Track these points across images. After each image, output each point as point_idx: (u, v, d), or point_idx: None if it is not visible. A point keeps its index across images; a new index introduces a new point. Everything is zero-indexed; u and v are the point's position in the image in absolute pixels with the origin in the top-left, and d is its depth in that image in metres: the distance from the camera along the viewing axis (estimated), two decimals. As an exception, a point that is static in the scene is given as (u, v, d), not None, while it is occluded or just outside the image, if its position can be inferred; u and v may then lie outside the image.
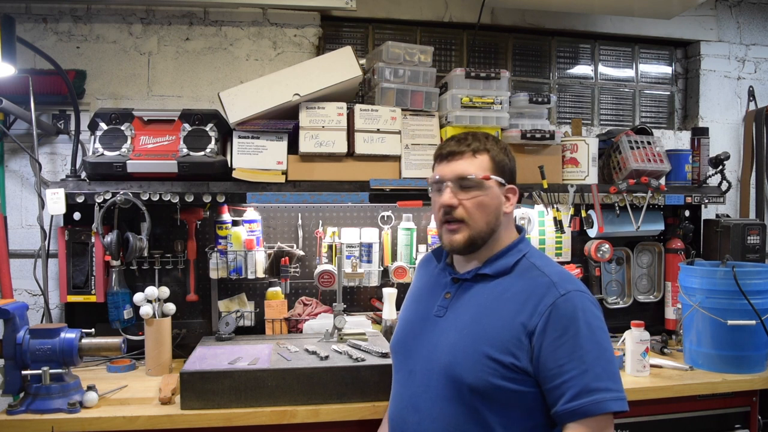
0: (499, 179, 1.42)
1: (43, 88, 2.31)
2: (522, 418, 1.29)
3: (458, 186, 1.40)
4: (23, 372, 1.70)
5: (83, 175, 2.22)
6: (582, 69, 3.07)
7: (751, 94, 3.06)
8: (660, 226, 2.60)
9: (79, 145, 2.33)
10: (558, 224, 2.38)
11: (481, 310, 1.37)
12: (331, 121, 2.20)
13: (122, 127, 2.14)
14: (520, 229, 1.51)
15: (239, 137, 2.17)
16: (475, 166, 1.40)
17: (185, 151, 2.12)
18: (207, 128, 2.15)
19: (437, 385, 1.35)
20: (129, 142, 2.13)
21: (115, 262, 2.15)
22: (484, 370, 1.29)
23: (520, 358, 1.28)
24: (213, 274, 2.31)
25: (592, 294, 2.58)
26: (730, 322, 2.05)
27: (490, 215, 1.40)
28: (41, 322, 2.35)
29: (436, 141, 2.33)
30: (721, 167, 2.58)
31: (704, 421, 2.05)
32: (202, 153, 2.13)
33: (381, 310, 2.34)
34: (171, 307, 2.14)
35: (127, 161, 2.08)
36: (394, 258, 2.48)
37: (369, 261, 2.42)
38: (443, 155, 1.44)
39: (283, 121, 2.18)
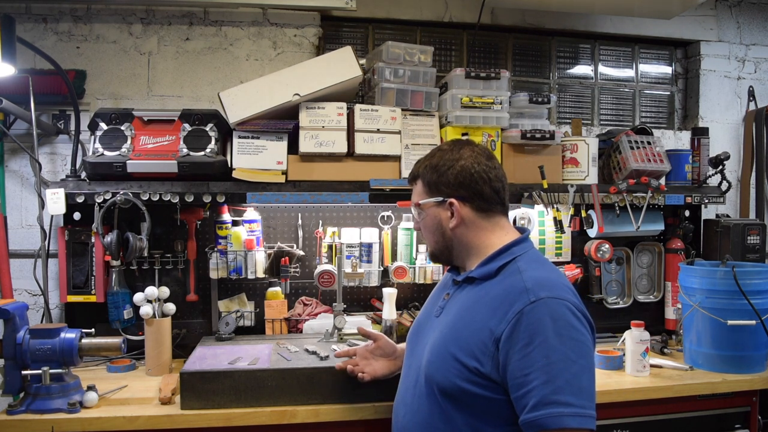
0: (432, 200, 1.44)
1: (43, 88, 2.31)
2: (492, 425, 1.28)
3: (414, 212, 1.52)
4: (23, 372, 1.70)
5: (83, 175, 2.22)
6: (582, 69, 3.07)
7: (751, 94, 3.06)
8: (660, 226, 2.60)
9: (79, 145, 2.33)
10: (558, 224, 2.38)
11: (461, 312, 1.38)
12: (331, 121, 2.20)
13: (122, 127, 2.14)
14: (523, 231, 1.47)
15: (239, 137, 2.17)
16: (415, 194, 1.51)
17: (185, 151, 2.12)
18: (207, 128, 2.15)
19: (420, 382, 1.39)
20: (129, 142, 2.13)
21: (115, 262, 2.15)
22: (451, 371, 1.29)
23: (484, 363, 1.26)
24: (213, 274, 2.31)
25: (592, 294, 2.61)
26: (730, 322, 2.05)
27: (433, 235, 1.48)
28: (41, 322, 2.35)
29: (436, 141, 2.34)
30: (721, 167, 2.58)
31: (704, 421, 2.05)
32: (202, 153, 2.13)
33: (381, 310, 2.34)
34: (171, 307, 2.14)
35: (127, 161, 2.08)
36: (394, 258, 2.48)
37: (369, 261, 2.42)
38: None
39: (283, 121, 2.18)
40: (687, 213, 2.73)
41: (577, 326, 1.23)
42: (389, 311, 2.27)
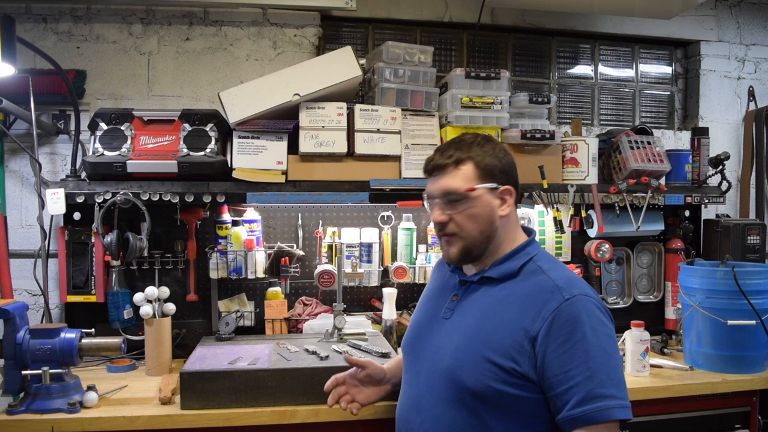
0: (488, 185, 1.39)
1: (43, 88, 2.31)
2: (526, 425, 1.28)
3: (446, 201, 1.40)
4: (23, 372, 1.70)
5: (83, 175, 2.22)
6: (582, 69, 3.07)
7: (751, 94, 3.06)
8: (660, 226, 2.60)
9: (79, 145, 2.33)
10: (558, 224, 2.38)
11: (485, 313, 1.36)
12: (331, 121, 2.20)
13: (122, 127, 2.14)
14: (529, 231, 1.49)
15: (239, 137, 2.17)
16: (459, 178, 1.38)
17: (185, 151, 2.12)
18: (207, 128, 2.15)
19: (440, 387, 1.35)
20: (129, 142, 2.13)
21: (115, 262, 2.15)
22: (485, 374, 1.28)
23: (521, 363, 1.26)
24: (213, 274, 2.31)
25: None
26: (730, 322, 2.05)
27: (482, 224, 1.39)
28: (41, 322, 2.35)
29: (436, 141, 2.34)
30: (721, 167, 2.58)
31: (704, 421, 2.05)
32: (202, 153, 2.13)
33: (381, 310, 2.34)
34: (171, 307, 2.14)
35: (127, 161, 2.08)
36: (394, 258, 2.48)
37: (369, 261, 2.42)
38: (428, 170, 1.45)
39: (283, 121, 2.18)
40: (687, 213, 2.73)
41: (606, 322, 1.28)
42: (389, 311, 2.27)
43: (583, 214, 2.47)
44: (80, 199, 2.10)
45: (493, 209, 1.40)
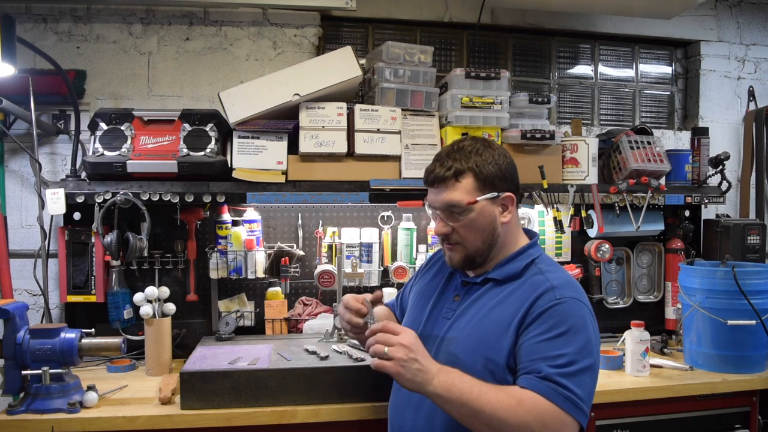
0: (489, 195, 1.38)
1: (43, 88, 2.31)
2: None
3: (448, 214, 1.39)
4: (23, 372, 1.70)
5: (83, 175, 2.22)
6: (582, 69, 3.06)
7: (751, 94, 3.06)
8: (660, 226, 2.60)
9: (79, 145, 2.33)
10: (558, 224, 2.38)
11: (485, 313, 1.38)
12: (331, 121, 2.20)
13: (122, 127, 2.14)
14: (532, 234, 1.50)
15: (239, 137, 2.17)
16: (460, 191, 1.37)
17: (185, 151, 2.12)
18: (207, 128, 2.15)
19: None
20: (129, 142, 2.13)
21: (115, 262, 2.15)
22: (485, 372, 1.30)
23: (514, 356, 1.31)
24: (213, 274, 2.31)
25: (592, 294, 2.61)
26: (730, 322, 2.05)
27: (485, 233, 1.40)
28: (41, 322, 2.35)
29: (436, 141, 2.34)
30: (721, 167, 2.58)
31: (704, 421, 2.05)
32: (202, 153, 2.12)
33: (381, 310, 2.34)
34: (171, 307, 2.14)
35: (127, 161, 2.08)
36: (394, 258, 2.48)
37: (369, 261, 2.42)
38: (429, 181, 1.43)
39: (283, 121, 2.18)
40: (687, 213, 2.73)
41: (590, 329, 1.30)
42: (389, 311, 2.27)
43: (583, 214, 2.47)
44: (80, 199, 2.10)
45: (494, 218, 1.40)
